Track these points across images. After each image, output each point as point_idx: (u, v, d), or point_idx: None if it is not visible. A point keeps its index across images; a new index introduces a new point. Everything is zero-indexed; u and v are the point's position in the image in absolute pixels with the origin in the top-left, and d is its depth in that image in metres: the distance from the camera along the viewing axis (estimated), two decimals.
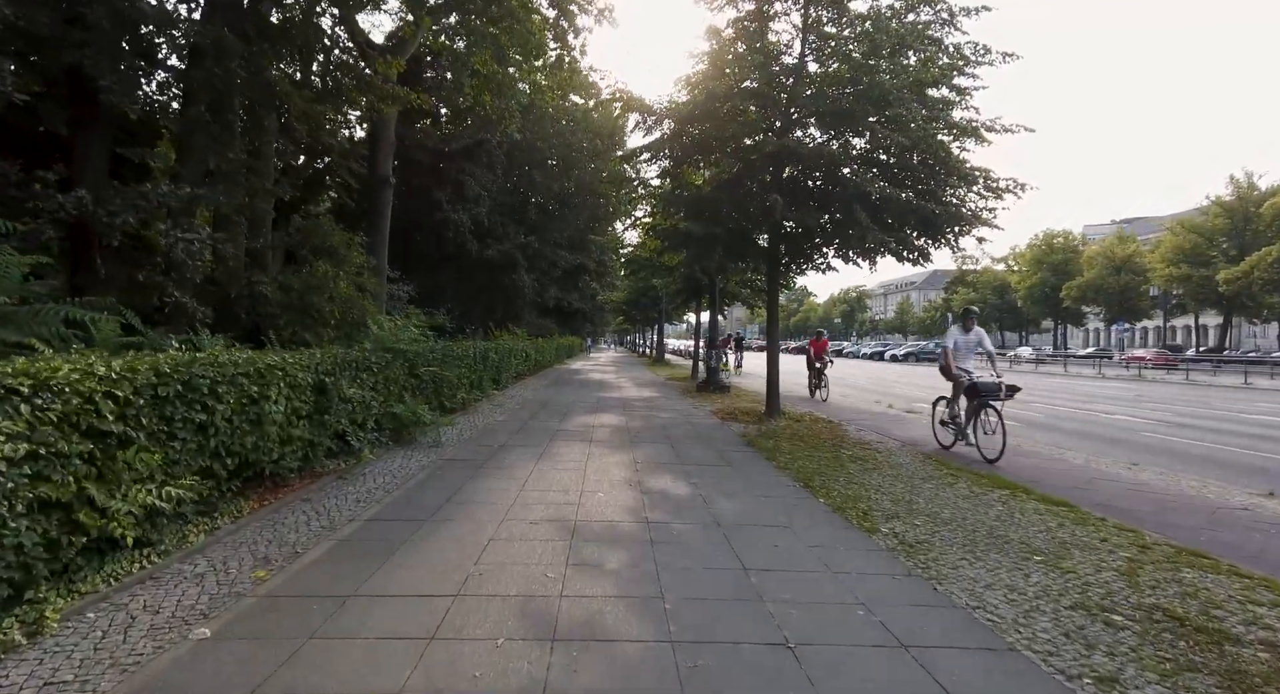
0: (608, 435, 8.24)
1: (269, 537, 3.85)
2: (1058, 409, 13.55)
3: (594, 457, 6.73)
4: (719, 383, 15.21)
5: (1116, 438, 9.68)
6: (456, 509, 4.57)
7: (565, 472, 5.95)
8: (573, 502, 4.84)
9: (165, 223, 6.21)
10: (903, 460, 7.03)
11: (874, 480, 5.94)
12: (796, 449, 7.47)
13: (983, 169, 9.24)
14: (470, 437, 7.84)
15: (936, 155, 9.07)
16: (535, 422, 9.42)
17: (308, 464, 5.27)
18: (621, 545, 3.84)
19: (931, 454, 7.36)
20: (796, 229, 10.05)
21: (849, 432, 9.19)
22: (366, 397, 6.24)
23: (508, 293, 24.23)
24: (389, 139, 13.33)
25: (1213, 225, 38.80)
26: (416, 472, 5.82)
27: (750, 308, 19.93)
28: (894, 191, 8.64)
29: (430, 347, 8.62)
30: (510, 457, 6.63)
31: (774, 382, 10.44)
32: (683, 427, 9.29)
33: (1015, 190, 9.11)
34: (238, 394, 3.99)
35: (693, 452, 7.22)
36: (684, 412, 11.17)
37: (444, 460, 6.37)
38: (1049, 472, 6.62)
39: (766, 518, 4.57)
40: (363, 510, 4.51)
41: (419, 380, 7.90)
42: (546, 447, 7.25)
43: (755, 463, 6.67)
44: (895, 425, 10.24)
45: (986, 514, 4.82)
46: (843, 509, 4.85)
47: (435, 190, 20.59)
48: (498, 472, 5.90)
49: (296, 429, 4.88)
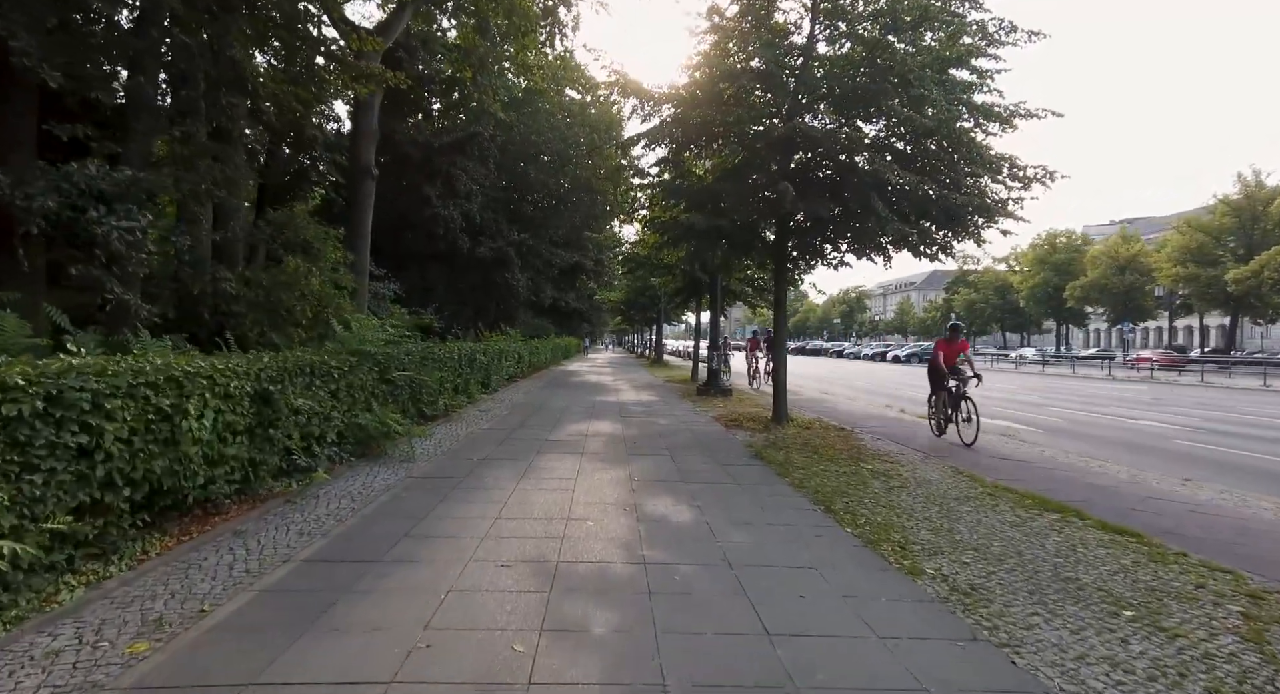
0: (602, 446, 7.50)
1: (174, 587, 3.10)
2: (1076, 414, 12.84)
3: (585, 473, 5.98)
4: (721, 386, 14.47)
5: (1149, 446, 8.96)
6: (415, 546, 3.82)
7: (551, 492, 5.21)
8: (556, 534, 4.10)
9: (98, 209, 5.45)
10: (931, 476, 6.30)
11: (904, 502, 5.20)
12: (811, 462, 6.73)
13: (1007, 156, 8.54)
14: (449, 449, 7.09)
15: (959, 141, 8.36)
16: (524, 430, 8.67)
17: (249, 487, 4.52)
18: (612, 598, 3.09)
19: (962, 469, 6.63)
20: (805, 222, 9.32)
21: (864, 441, 8.46)
22: (325, 406, 5.49)
23: (501, 292, 23.47)
24: (371, 127, 12.57)
25: (1220, 224, 38.15)
26: (379, 493, 5.07)
27: (752, 307, 19.19)
28: (915, 180, 7.91)
29: (406, 348, 7.87)
30: (490, 473, 5.88)
31: (781, 385, 9.71)
32: (683, 435, 8.55)
33: (1044, 179, 8.39)
34: (139, 409, 3.25)
35: (695, 465, 6.48)
36: (684, 418, 10.43)
37: (413, 479, 5.61)
38: (1096, 490, 5.89)
39: (786, 555, 3.82)
40: (302, 547, 3.76)
41: (392, 386, 7.15)
42: (533, 461, 6.50)
43: (766, 480, 5.93)
44: (912, 433, 9.51)
45: (1044, 547, 4.09)
46: (875, 542, 4.12)
47: (425, 185, 19.84)
48: (473, 493, 5.15)
49: (231, 447, 4.13)
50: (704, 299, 19.19)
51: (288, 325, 9.12)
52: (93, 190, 5.35)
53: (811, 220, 9.12)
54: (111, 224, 5.54)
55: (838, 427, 9.63)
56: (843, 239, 9.22)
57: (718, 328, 15.05)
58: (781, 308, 9.83)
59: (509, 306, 24.63)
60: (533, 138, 23.54)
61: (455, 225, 20.11)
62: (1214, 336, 48.62)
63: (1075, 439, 9.52)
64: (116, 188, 5.54)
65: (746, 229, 9.54)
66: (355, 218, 12.51)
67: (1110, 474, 6.69)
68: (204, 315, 8.67)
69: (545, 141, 24.30)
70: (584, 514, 4.57)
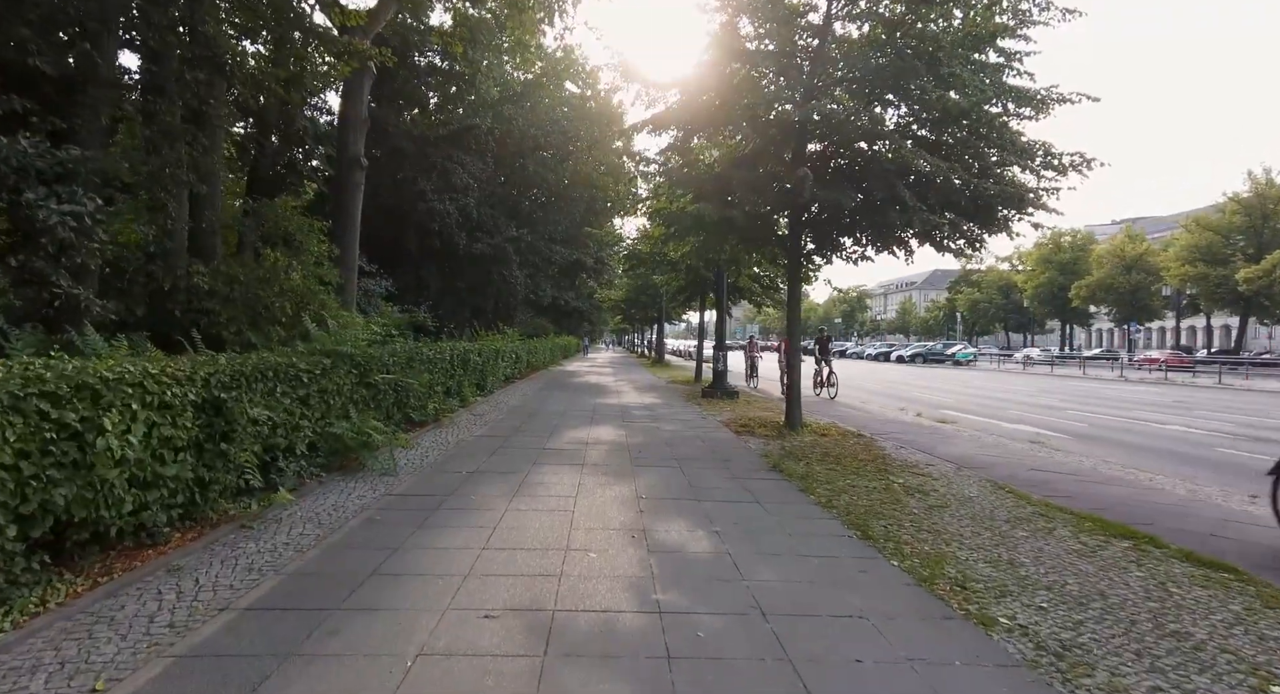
0: (604, 456, 6.87)
1: (67, 653, 2.46)
2: (1100, 418, 12.21)
3: (586, 488, 5.35)
4: (726, 388, 13.84)
5: (1192, 455, 8.33)
6: (383, 588, 3.19)
7: (548, 514, 4.57)
8: (552, 570, 3.46)
9: (36, 191, 4.81)
10: (969, 491, 5.67)
11: (948, 524, 4.57)
12: (835, 475, 6.10)
13: (1042, 142, 7.91)
14: (436, 460, 6.44)
15: (990, 126, 7.73)
16: (520, 437, 8.04)
17: (197, 510, 3.88)
18: (623, 667, 2.46)
19: (1002, 483, 6.00)
20: (821, 214, 8.69)
21: (886, 449, 7.82)
22: (293, 414, 4.85)
23: (499, 290, 22.81)
24: (360, 115, 11.92)
25: (1229, 223, 37.55)
26: (351, 515, 4.43)
27: (758, 306, 18.55)
28: (944, 166, 7.28)
29: (391, 349, 7.24)
30: (480, 490, 5.24)
31: (796, 389, 9.08)
32: (692, 443, 7.91)
33: (1081, 167, 7.75)
34: (30, 426, 2.61)
35: (709, 479, 5.84)
36: (691, 422, 9.79)
37: (393, 497, 4.98)
38: (1160, 510, 5.26)
39: (829, 600, 3.19)
40: (248, 588, 3.12)
41: (374, 390, 6.51)
42: (528, 474, 5.86)
43: (789, 497, 5.30)
44: (935, 439, 8.88)
45: (1128, 586, 3.45)
46: (929, 579, 3.48)
47: (420, 179, 19.19)
48: (458, 515, 4.51)
49: (170, 467, 3.49)
50: (708, 297, 18.57)
51: (267, 323, 8.48)
52: (29, 169, 4.71)
53: (829, 211, 8.50)
54: (52, 208, 4.90)
55: (855, 433, 9.00)
56: (863, 231, 8.57)
57: (724, 327, 14.42)
58: (796, 305, 9.20)
59: (507, 305, 23.99)
60: (532, 131, 22.86)
61: (451, 221, 19.46)
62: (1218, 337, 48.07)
63: (1109, 447, 8.89)
64: (57, 167, 4.90)
65: (759, 220, 8.91)
66: (343, 210, 11.86)
67: (1166, 490, 6.06)
68: (175, 313, 8.03)
69: (544, 135, 23.62)
70: (585, 542, 3.94)
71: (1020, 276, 57.41)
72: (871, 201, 7.70)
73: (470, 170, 19.98)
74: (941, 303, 74.50)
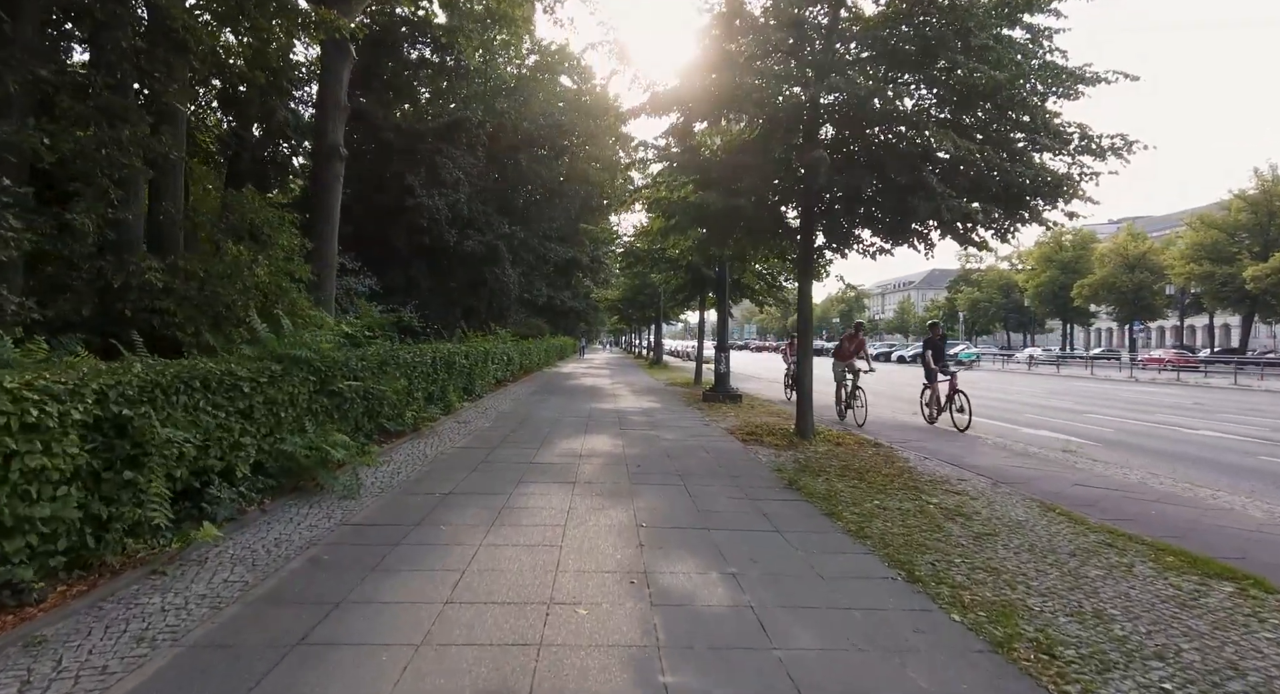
0: (598, 471, 6.13)
1: None
2: (1124, 422, 11.53)
3: (577, 514, 4.61)
4: (729, 391, 13.12)
5: (1236, 465, 7.63)
6: (304, 669, 2.44)
7: (530, 550, 3.83)
8: (531, 636, 2.72)
9: None
10: (1015, 512, 4.95)
11: (1006, 560, 3.85)
12: (860, 494, 5.38)
13: (1077, 123, 7.21)
14: (408, 478, 5.69)
15: (1023, 105, 7.03)
16: (506, 449, 7.29)
17: (92, 555, 3.13)
18: None
19: (1050, 503, 5.28)
20: (835, 203, 7.96)
21: (910, 461, 7.10)
22: (232, 430, 4.10)
23: (492, 289, 22.05)
24: (338, 100, 11.16)
25: (1235, 220, 37.01)
26: (293, 554, 3.68)
27: (761, 305, 17.84)
28: (976, 149, 6.58)
29: (361, 352, 6.49)
30: (453, 517, 4.49)
31: (807, 394, 8.35)
32: (696, 454, 7.18)
33: (1122, 150, 7.03)
34: None
35: (718, 500, 5.11)
36: (694, 430, 9.06)
37: (349, 528, 4.22)
38: (1244, 539, 4.54)
39: (886, 679, 2.46)
40: (123, 674, 2.37)
41: (338, 399, 5.76)
42: (511, 496, 5.12)
43: (813, 523, 4.56)
44: (959, 448, 8.17)
45: (1263, 654, 2.73)
46: (1006, 643, 2.75)
47: (408, 174, 18.43)
48: (423, 553, 3.76)
49: (40, 507, 2.74)
50: (708, 296, 17.86)
51: (228, 324, 7.72)
52: None
53: (844, 200, 7.78)
54: None
55: (873, 442, 8.28)
56: (880, 221, 7.84)
57: (726, 327, 13.71)
58: (807, 303, 8.47)
59: (500, 305, 23.22)
60: (525, 125, 22.12)
61: (441, 217, 18.70)
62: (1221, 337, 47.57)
63: (1145, 456, 8.19)
64: None
65: (767, 211, 8.18)
66: (321, 203, 11.11)
67: (1236, 510, 5.35)
68: (126, 312, 7.27)
69: (538, 130, 22.88)
70: (574, 592, 3.20)
71: (1021, 276, 56.85)
72: (893, 187, 6.97)
73: (460, 165, 19.23)
74: (940, 302, 73.96)
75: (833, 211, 7.96)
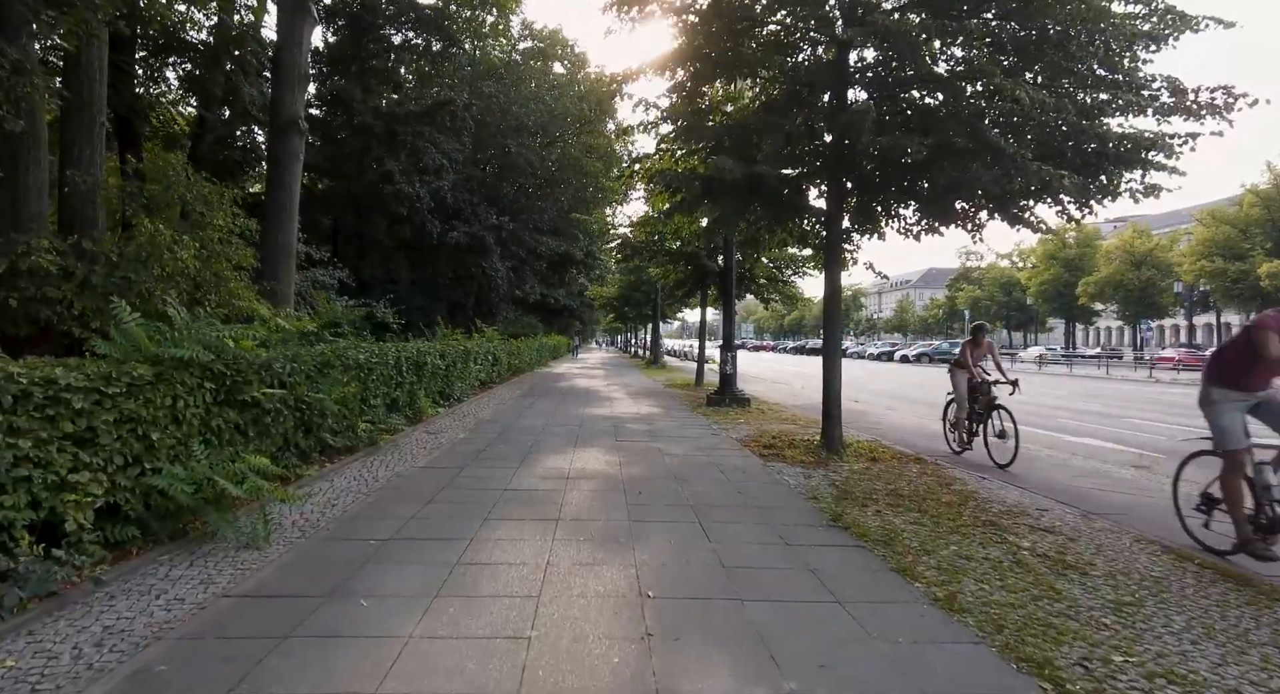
0: (589, 501, 4.86)
1: None
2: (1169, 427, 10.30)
3: (557, 575, 3.34)
4: (736, 394, 11.89)
5: None
6: None
7: (483, 648, 2.56)
8: None
9: None
10: (1142, 564, 3.73)
11: (1193, 660, 2.61)
12: (926, 534, 4.15)
13: (1167, 75, 6.01)
14: (342, 512, 4.41)
15: (1105, 55, 5.83)
16: (478, 468, 6.02)
17: None
18: None
19: (1176, 547, 4.05)
20: (875, 174, 6.72)
21: (967, 482, 5.87)
22: (51, 465, 2.82)
23: (479, 284, 20.76)
24: (298, 66, 9.84)
25: (1247, 216, 36.05)
26: (112, 664, 2.40)
27: (766, 301, 16.61)
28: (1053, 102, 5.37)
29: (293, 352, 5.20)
30: (381, 583, 3.21)
31: (835, 400, 7.11)
32: (709, 474, 5.92)
33: (1223, 108, 5.81)
34: None
35: (747, 549, 3.85)
36: (701, 441, 7.81)
37: (225, 604, 2.94)
38: None
39: None
40: None
41: (255, 413, 4.47)
42: (471, 543, 3.85)
43: (883, 587, 3.31)
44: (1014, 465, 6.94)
45: None
46: None
47: (387, 159, 17.10)
48: (316, 658, 2.48)
49: None
50: (710, 291, 16.62)
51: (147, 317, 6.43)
52: None
53: (884, 168, 6.53)
54: None
55: (913, 456, 7.05)
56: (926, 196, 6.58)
57: (732, 324, 12.47)
58: (835, 297, 7.20)
59: (488, 301, 21.92)
60: (514, 109, 20.79)
61: (423, 205, 17.38)
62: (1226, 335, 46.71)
63: None
64: None
65: (790, 184, 6.93)
66: (278, 184, 9.79)
67: None
68: (10, 303, 5.95)
69: (529, 114, 21.55)
70: None
71: (1024, 274, 55.90)
72: (950, 149, 5.72)
73: (444, 150, 17.90)
74: (941, 301, 73.01)
75: (870, 183, 6.71)
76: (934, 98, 6.59)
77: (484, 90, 19.82)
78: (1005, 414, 6.93)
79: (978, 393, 7.28)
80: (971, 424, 7.34)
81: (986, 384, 7.20)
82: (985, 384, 7.20)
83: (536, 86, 24.35)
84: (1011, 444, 6.76)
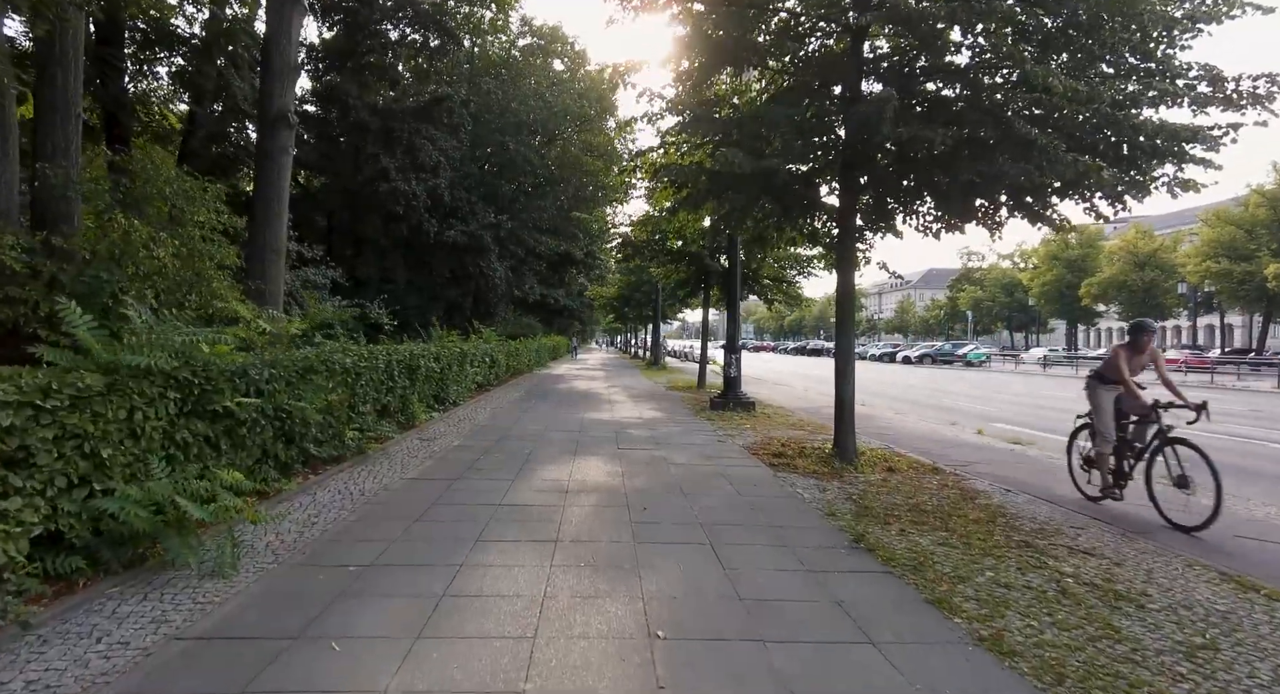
0: (590, 519, 4.50)
1: None
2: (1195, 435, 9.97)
3: (556, 610, 2.98)
4: (740, 398, 11.53)
5: None
6: None
7: None
8: None
9: None
10: (1203, 594, 3.38)
11: None
12: (958, 557, 3.80)
13: (1204, 64, 5.66)
14: (322, 533, 4.05)
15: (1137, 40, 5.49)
16: (471, 480, 5.65)
17: None
18: None
19: (1236, 574, 3.70)
20: (890, 167, 6.36)
21: (992, 496, 5.52)
22: None
23: (477, 284, 20.38)
24: (288, 57, 9.48)
25: (1253, 217, 35.70)
26: None
27: (770, 302, 16.26)
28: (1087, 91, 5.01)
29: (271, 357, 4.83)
30: (356, 623, 2.85)
31: (848, 405, 6.75)
32: (717, 486, 5.57)
33: (1265, 98, 5.45)
34: None
35: (764, 576, 3.49)
36: (707, 449, 7.45)
37: (175, 650, 2.58)
38: None
39: None
40: None
41: (226, 424, 4.11)
42: (460, 570, 3.48)
43: (920, 624, 2.95)
44: (1035, 473, 6.61)
45: None
46: None
47: (383, 156, 16.74)
48: None
49: None
50: (712, 291, 16.27)
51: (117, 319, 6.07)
52: None
53: (900, 162, 6.18)
54: None
55: (930, 465, 6.70)
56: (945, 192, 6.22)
57: (736, 324, 12.11)
58: (849, 298, 6.85)
59: (487, 301, 21.55)
60: (513, 106, 20.43)
61: (419, 203, 17.02)
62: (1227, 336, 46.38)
63: (1259, 481, 6.69)
64: None
65: (801, 179, 6.58)
66: (266, 180, 9.42)
67: None
68: None
69: (528, 111, 21.18)
70: None
71: (1026, 274, 55.57)
72: (975, 142, 5.36)
73: (441, 147, 17.54)
74: (942, 302, 72.71)
75: (886, 177, 6.35)
76: (952, 89, 6.25)
77: (482, 87, 19.46)
78: (1190, 452, 4.68)
79: (1134, 418, 5.28)
80: (1124, 462, 5.30)
81: (1155, 408, 5.02)
82: (1154, 408, 5.02)
83: (536, 83, 24.00)
84: (1202, 499, 4.57)
